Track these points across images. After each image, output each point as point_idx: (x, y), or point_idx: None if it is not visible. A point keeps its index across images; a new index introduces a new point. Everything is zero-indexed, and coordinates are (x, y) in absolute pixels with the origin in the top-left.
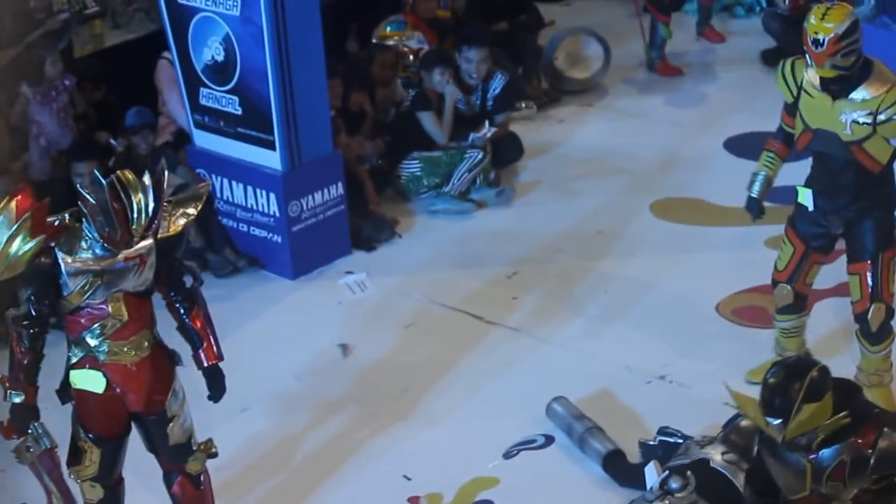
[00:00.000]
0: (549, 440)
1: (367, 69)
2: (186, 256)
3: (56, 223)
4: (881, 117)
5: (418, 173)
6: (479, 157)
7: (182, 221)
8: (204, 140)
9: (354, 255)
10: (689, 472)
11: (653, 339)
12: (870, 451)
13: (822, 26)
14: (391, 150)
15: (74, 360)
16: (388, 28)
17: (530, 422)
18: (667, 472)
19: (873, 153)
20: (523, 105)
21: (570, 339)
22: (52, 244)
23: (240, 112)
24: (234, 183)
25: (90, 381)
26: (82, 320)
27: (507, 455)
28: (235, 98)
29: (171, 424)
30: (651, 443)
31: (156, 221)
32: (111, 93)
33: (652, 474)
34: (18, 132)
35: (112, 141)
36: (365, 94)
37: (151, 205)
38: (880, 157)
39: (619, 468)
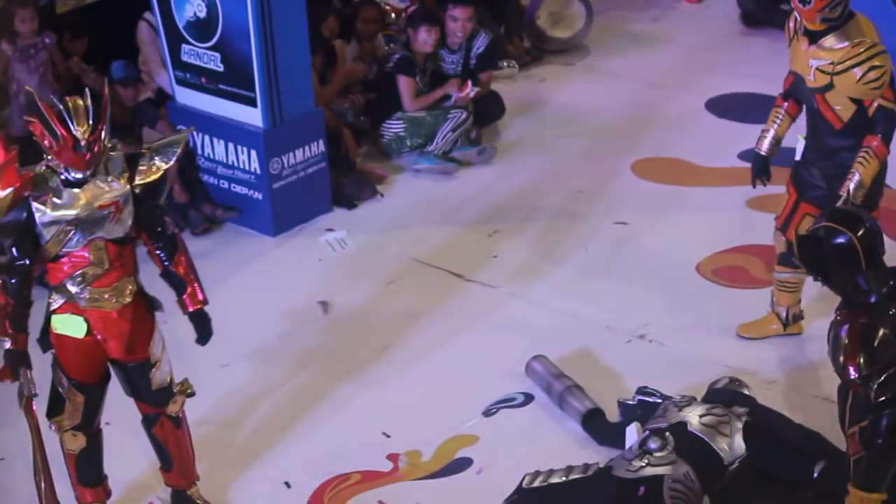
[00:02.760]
0: (529, 398)
1: (350, 23)
2: (169, 209)
3: (27, 174)
4: (838, 68)
5: (402, 133)
6: (463, 116)
7: (162, 166)
8: (185, 97)
9: (335, 213)
10: (667, 433)
11: (633, 299)
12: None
13: None
14: (374, 107)
15: (55, 306)
16: None
17: (510, 380)
18: (646, 432)
19: (835, 107)
20: (505, 64)
21: (549, 297)
22: (27, 194)
23: (221, 69)
24: (215, 140)
25: (71, 325)
26: (64, 268)
27: (487, 413)
28: (217, 55)
29: (153, 370)
30: (630, 402)
31: (102, 128)
32: (94, 50)
33: (632, 435)
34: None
35: None
36: (342, 40)
37: (91, 107)
38: (841, 112)
39: (598, 427)
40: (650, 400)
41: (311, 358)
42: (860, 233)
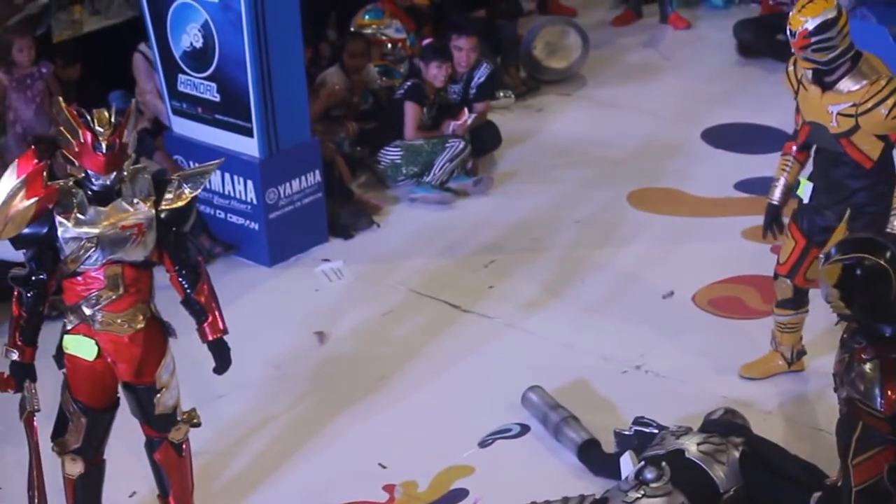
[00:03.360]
0: (525, 429)
1: (339, 56)
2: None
3: (53, 186)
4: (861, 109)
5: (398, 161)
6: (461, 146)
7: (189, 193)
8: (182, 126)
9: (331, 243)
10: (663, 463)
11: (629, 329)
12: (858, 365)
13: (795, 18)
14: (374, 133)
15: (70, 326)
16: (367, 17)
17: (506, 411)
18: (642, 462)
19: (863, 147)
20: (501, 94)
21: (546, 328)
22: (51, 206)
23: (218, 99)
24: None
25: (82, 347)
26: (79, 288)
27: (483, 444)
28: (213, 85)
29: (159, 395)
30: (626, 433)
31: (124, 130)
32: (89, 77)
33: (627, 464)
34: None
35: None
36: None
37: (114, 117)
38: (870, 151)
39: (594, 458)
40: (647, 430)
41: (308, 388)
42: (888, 256)
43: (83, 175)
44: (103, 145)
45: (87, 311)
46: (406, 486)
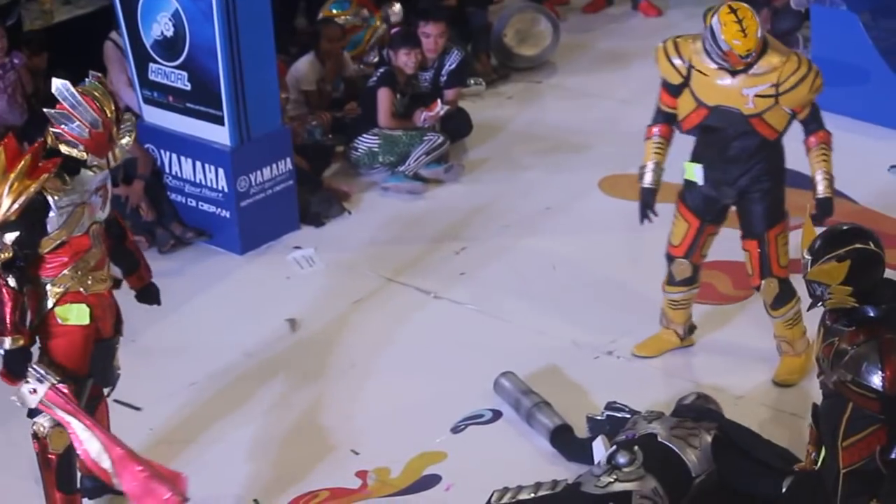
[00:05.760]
0: (497, 415)
1: (314, 44)
2: (136, 227)
3: (46, 166)
4: (783, 87)
5: (375, 149)
6: (439, 141)
7: (119, 151)
8: (153, 115)
9: (303, 231)
10: (636, 448)
11: (600, 315)
12: (850, 347)
13: (751, 41)
14: (352, 121)
15: (54, 299)
16: (333, 8)
17: (478, 397)
18: (614, 447)
19: (772, 122)
20: (472, 82)
21: (517, 314)
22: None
23: (189, 87)
24: (182, 158)
25: (80, 314)
26: (65, 258)
27: (455, 430)
28: (184, 73)
29: (118, 344)
30: (598, 417)
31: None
32: (58, 66)
33: (599, 449)
34: None
35: None
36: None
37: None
38: (778, 125)
39: (566, 443)
40: (619, 415)
41: (279, 375)
42: (872, 242)
43: (75, 152)
44: (112, 133)
45: (73, 277)
46: (379, 473)
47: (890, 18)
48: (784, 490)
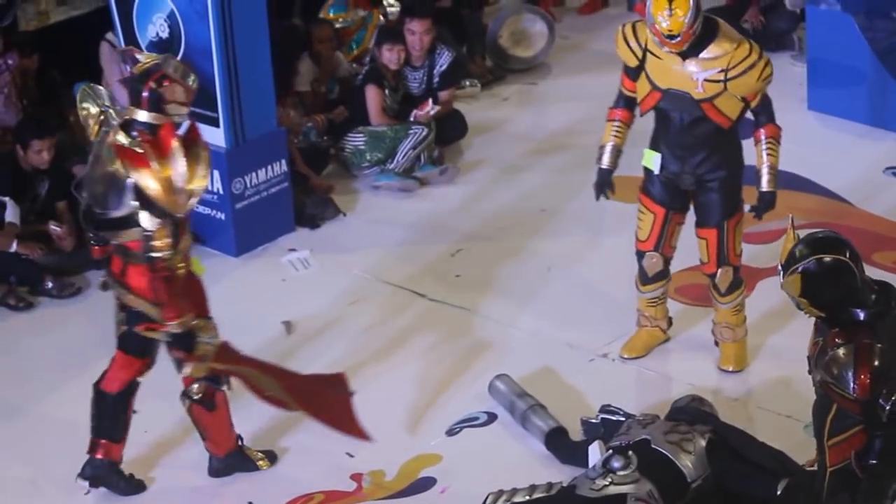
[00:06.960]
0: (492, 417)
1: (306, 43)
2: None
3: None
4: (732, 73)
5: (362, 147)
6: (424, 133)
7: None
8: None
9: (298, 233)
10: (630, 452)
11: (595, 317)
12: (830, 349)
13: (675, 23)
14: (341, 123)
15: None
16: (332, 11)
17: (473, 399)
18: (609, 451)
19: (724, 110)
20: (467, 83)
21: (512, 316)
22: None
23: None
24: None
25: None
26: None
27: (450, 432)
28: None
29: None
30: (593, 420)
31: None
32: (55, 67)
33: (595, 453)
34: None
35: None
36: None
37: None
38: (731, 112)
39: (561, 446)
40: (613, 418)
41: None
42: (848, 253)
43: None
44: None
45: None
46: (374, 475)
47: (885, 20)
48: (779, 492)
